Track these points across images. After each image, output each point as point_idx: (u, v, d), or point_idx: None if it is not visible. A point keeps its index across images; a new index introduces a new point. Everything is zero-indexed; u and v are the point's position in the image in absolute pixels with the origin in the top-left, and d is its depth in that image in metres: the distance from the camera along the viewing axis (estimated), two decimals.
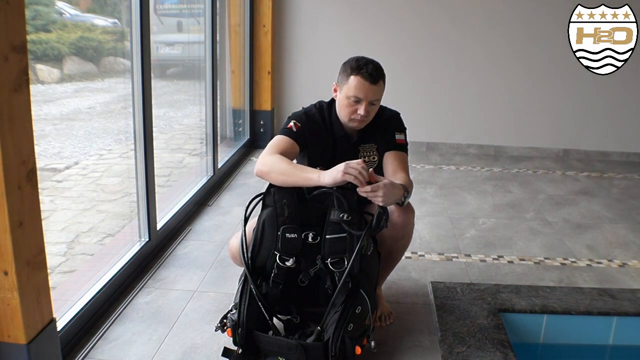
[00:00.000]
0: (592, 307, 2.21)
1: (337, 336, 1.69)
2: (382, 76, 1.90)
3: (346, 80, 1.89)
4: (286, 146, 1.92)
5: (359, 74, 1.86)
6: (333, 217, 1.76)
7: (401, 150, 2.02)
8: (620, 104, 4.70)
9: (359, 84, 1.86)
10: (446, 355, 1.87)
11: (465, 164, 4.52)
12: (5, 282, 1.47)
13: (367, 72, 1.86)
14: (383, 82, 1.92)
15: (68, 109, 4.21)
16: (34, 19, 3.07)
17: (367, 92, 1.87)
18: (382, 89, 1.92)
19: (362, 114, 1.89)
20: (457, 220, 3.24)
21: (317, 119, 2.01)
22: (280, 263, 1.78)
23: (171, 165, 4.39)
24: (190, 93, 5.53)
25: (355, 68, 1.87)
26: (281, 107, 4.95)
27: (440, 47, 4.69)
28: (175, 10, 5.47)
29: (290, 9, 4.73)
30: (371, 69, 1.86)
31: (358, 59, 1.91)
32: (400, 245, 2.04)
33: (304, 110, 2.05)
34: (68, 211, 3.28)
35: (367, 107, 1.89)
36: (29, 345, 1.54)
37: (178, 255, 2.66)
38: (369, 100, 1.88)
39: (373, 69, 1.87)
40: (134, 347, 1.93)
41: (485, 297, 2.25)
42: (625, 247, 2.95)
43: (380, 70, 1.90)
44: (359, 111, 1.89)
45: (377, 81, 1.87)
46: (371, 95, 1.88)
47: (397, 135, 2.02)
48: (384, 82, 1.92)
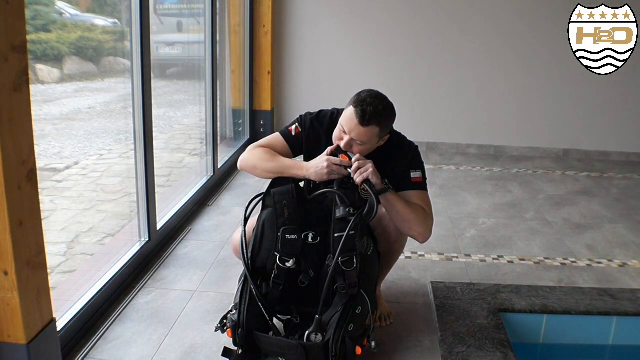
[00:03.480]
0: (592, 307, 2.21)
1: (338, 336, 1.69)
2: (377, 122, 1.76)
3: (347, 107, 1.82)
4: (278, 146, 1.97)
5: (356, 107, 1.77)
6: (339, 214, 1.73)
7: (419, 190, 1.91)
8: (620, 104, 4.70)
9: (350, 117, 1.77)
10: (446, 355, 1.87)
11: (465, 163, 4.53)
12: (5, 282, 1.47)
13: (361, 110, 1.75)
14: (379, 128, 1.78)
15: (68, 109, 4.22)
16: (34, 19, 3.07)
17: (352, 129, 1.77)
18: (374, 134, 1.79)
19: (342, 145, 1.81)
20: (457, 220, 3.24)
21: (324, 127, 1.97)
22: (280, 264, 1.78)
23: (171, 165, 4.39)
24: (190, 93, 5.53)
25: (357, 101, 1.78)
26: (281, 107, 4.95)
27: (440, 47, 4.69)
28: (175, 10, 5.47)
29: (290, 9, 4.73)
30: (370, 110, 1.74)
31: (371, 94, 1.79)
32: (396, 247, 2.04)
33: (317, 113, 2.00)
34: (68, 211, 3.28)
35: (350, 143, 1.79)
36: (29, 345, 1.53)
37: (178, 255, 2.66)
38: (352, 138, 1.79)
39: (371, 111, 1.74)
40: (134, 347, 1.93)
41: (485, 297, 2.25)
42: (625, 247, 2.95)
43: (378, 115, 1.76)
44: (341, 143, 1.81)
45: (368, 124, 1.75)
46: (355, 135, 1.77)
47: (413, 174, 1.90)
48: (380, 129, 1.79)
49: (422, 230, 1.88)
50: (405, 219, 1.85)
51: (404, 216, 1.85)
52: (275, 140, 1.99)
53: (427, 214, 1.89)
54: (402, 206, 1.84)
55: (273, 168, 1.88)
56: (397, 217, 1.86)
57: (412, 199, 1.89)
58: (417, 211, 1.86)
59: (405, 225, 1.87)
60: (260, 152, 1.93)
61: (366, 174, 1.75)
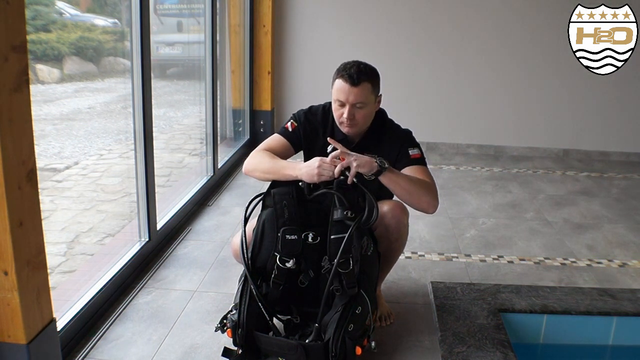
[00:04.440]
0: (592, 307, 2.21)
1: (338, 336, 1.69)
2: (366, 78, 1.82)
3: (333, 82, 1.88)
4: (278, 145, 1.99)
5: (340, 76, 1.83)
6: (337, 216, 1.75)
7: (419, 164, 1.93)
8: (620, 104, 4.70)
9: (340, 86, 1.83)
10: (446, 355, 1.87)
11: (465, 164, 4.52)
12: (5, 282, 1.47)
13: (347, 74, 1.80)
14: (370, 84, 1.84)
15: (68, 109, 4.22)
16: (34, 19, 3.07)
17: (347, 95, 1.82)
18: (368, 91, 1.84)
19: (345, 117, 1.85)
20: (457, 220, 3.24)
21: (318, 119, 2.01)
22: (280, 264, 1.78)
23: (171, 165, 4.39)
24: (190, 93, 5.54)
25: (340, 70, 1.85)
26: (281, 107, 4.95)
27: (440, 47, 4.69)
28: (175, 10, 5.47)
29: (290, 9, 4.73)
30: (354, 70, 1.80)
31: (347, 62, 1.85)
32: (396, 246, 2.03)
33: (308, 108, 2.05)
34: (68, 211, 3.28)
35: (351, 110, 1.84)
36: (29, 345, 1.53)
37: (178, 255, 2.66)
38: (351, 103, 1.83)
39: (356, 70, 1.80)
40: (134, 347, 1.93)
41: (485, 297, 2.25)
42: (625, 247, 2.95)
43: (364, 73, 1.82)
44: (344, 115, 1.85)
45: (359, 83, 1.80)
46: (352, 98, 1.82)
47: (411, 151, 1.94)
48: (371, 84, 1.85)
49: (429, 199, 1.84)
50: (411, 192, 1.83)
51: (409, 189, 1.82)
52: (275, 141, 2.02)
53: (430, 184, 1.88)
54: (404, 180, 1.82)
55: (269, 169, 1.89)
56: (403, 192, 1.84)
57: (414, 173, 1.89)
58: (420, 182, 1.85)
59: (413, 199, 1.85)
60: (261, 155, 1.95)
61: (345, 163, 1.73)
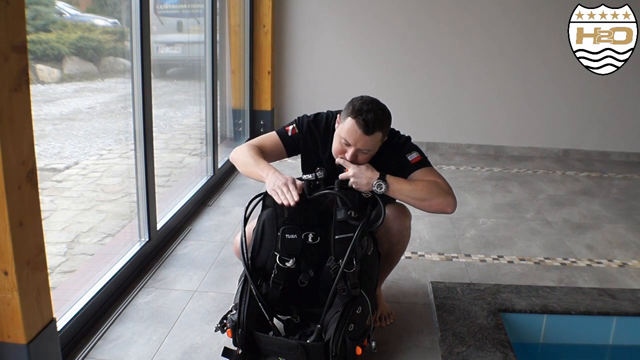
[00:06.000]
0: (592, 307, 2.21)
1: (338, 336, 1.69)
2: (380, 127, 1.79)
3: (344, 119, 1.82)
4: (271, 144, 2.01)
5: (354, 118, 1.77)
6: (340, 217, 1.75)
7: (422, 167, 1.91)
8: (620, 104, 4.70)
9: (352, 129, 1.78)
10: (446, 355, 1.87)
11: (465, 164, 4.52)
12: (5, 282, 1.47)
13: (362, 120, 1.76)
14: (382, 132, 1.82)
15: (68, 109, 4.21)
16: (34, 19, 3.07)
17: (357, 140, 1.79)
18: (378, 140, 1.82)
19: (348, 157, 1.83)
20: (457, 220, 3.24)
21: (320, 130, 1.99)
22: (280, 264, 1.78)
23: (171, 165, 4.39)
24: (190, 93, 5.53)
25: (356, 111, 1.78)
26: (281, 107, 4.95)
27: (440, 47, 4.69)
28: (175, 10, 5.47)
29: (290, 9, 4.73)
30: (370, 118, 1.76)
31: (364, 101, 1.80)
32: (397, 248, 2.03)
33: (314, 117, 2.02)
34: (68, 211, 3.28)
35: (355, 153, 1.82)
36: (29, 345, 1.54)
37: (178, 255, 2.66)
38: (358, 148, 1.81)
39: (372, 118, 1.76)
40: (134, 347, 1.93)
41: (485, 297, 2.25)
42: (625, 247, 2.95)
43: (379, 122, 1.78)
44: (347, 154, 1.83)
45: (372, 132, 1.77)
46: (361, 145, 1.80)
47: (410, 156, 1.91)
48: (383, 133, 1.82)
49: (441, 200, 1.84)
50: (421, 198, 1.83)
51: (417, 196, 1.82)
52: (269, 139, 2.03)
53: (439, 184, 1.87)
54: (409, 189, 1.82)
55: (246, 163, 1.92)
56: (413, 200, 1.84)
57: (420, 177, 1.88)
58: (427, 187, 1.84)
59: (426, 204, 1.84)
60: (247, 149, 1.97)
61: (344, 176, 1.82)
